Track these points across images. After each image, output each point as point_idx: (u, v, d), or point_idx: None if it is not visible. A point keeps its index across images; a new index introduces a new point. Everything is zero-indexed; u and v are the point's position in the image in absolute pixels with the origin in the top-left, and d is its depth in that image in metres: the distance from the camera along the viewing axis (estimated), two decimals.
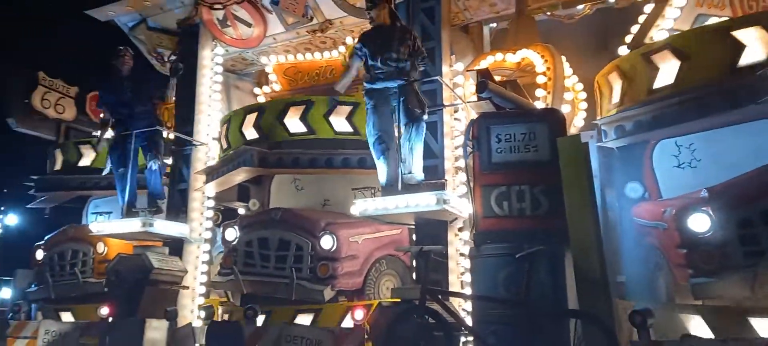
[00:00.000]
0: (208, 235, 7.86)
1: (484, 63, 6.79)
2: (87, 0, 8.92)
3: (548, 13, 7.86)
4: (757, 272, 4.20)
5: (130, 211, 7.23)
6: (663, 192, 5.72)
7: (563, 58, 6.56)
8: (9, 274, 10.54)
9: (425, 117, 5.57)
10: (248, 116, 7.24)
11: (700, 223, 4.56)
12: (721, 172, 5.18)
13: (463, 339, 5.43)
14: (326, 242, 5.97)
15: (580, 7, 7.79)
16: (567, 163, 5.11)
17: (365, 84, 5.90)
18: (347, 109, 6.77)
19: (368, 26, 6.08)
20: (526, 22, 7.22)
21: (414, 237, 6.31)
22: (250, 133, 7.07)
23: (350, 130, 6.76)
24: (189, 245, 7.69)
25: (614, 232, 6.02)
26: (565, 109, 6.38)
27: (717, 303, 4.57)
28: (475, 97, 5.63)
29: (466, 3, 7.52)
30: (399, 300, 5.39)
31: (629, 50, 6.22)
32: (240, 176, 7.20)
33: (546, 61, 6.37)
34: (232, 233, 6.46)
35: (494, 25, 8.46)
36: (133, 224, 6.96)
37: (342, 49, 8.74)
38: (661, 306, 5.00)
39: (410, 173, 5.52)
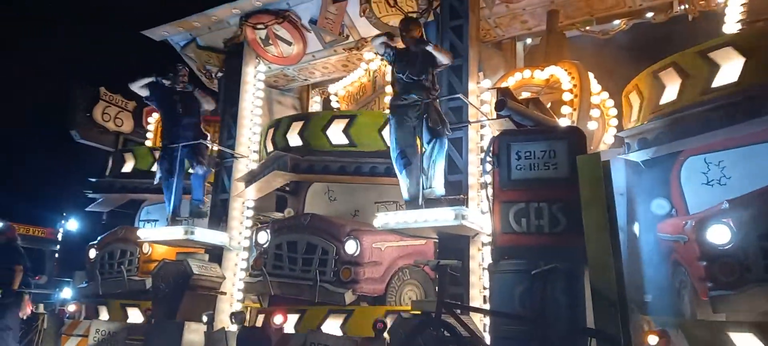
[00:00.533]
0: (247, 243, 8.19)
1: (512, 80, 6.83)
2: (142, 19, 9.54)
3: (582, 30, 7.83)
4: None
5: (174, 219, 7.65)
6: (690, 209, 5.58)
7: (591, 74, 6.51)
8: (69, 275, 11.28)
9: (448, 133, 5.68)
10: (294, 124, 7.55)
11: (720, 234, 4.43)
12: (751, 190, 5.03)
13: None
14: (350, 247, 6.14)
15: (616, 22, 7.71)
16: (586, 181, 5.06)
17: (389, 100, 6.10)
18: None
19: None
20: (556, 38, 7.21)
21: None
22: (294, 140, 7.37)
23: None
24: (228, 253, 8.05)
25: (641, 249, 5.92)
26: (592, 126, 6.34)
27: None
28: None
29: (497, 20, 7.58)
30: (419, 312, 5.49)
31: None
32: (276, 180, 7.46)
33: (573, 78, 6.34)
34: (264, 237, 6.73)
35: (529, 41, 8.48)
36: (176, 232, 7.35)
37: (364, 65, 8.96)
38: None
39: (431, 188, 5.63)
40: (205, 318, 6.79)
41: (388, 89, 6.77)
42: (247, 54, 8.97)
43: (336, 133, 7.19)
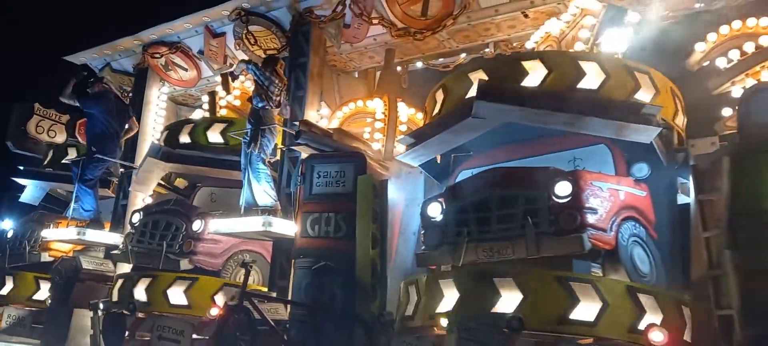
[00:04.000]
0: None
1: (347, 109, 7.88)
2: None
3: (426, 64, 8.87)
4: (458, 247, 4.89)
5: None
6: None
7: (402, 103, 7.55)
8: None
9: (261, 164, 6.70)
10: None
11: (434, 210, 5.32)
12: None
13: None
14: (196, 225, 7.02)
15: (462, 55, 8.72)
16: (361, 196, 6.14)
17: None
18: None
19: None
20: (390, 72, 8.22)
21: None
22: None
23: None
24: None
25: None
26: (399, 148, 7.37)
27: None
28: None
29: (348, 56, 8.61)
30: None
31: None
32: (154, 170, 8.30)
33: (385, 107, 7.39)
34: (136, 217, 7.60)
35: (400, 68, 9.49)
36: (70, 233, 8.34)
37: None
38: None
39: (252, 199, 6.67)
40: (100, 305, 7.76)
41: None
42: (151, 77, 9.96)
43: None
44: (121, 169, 9.50)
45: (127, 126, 8.89)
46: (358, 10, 7.46)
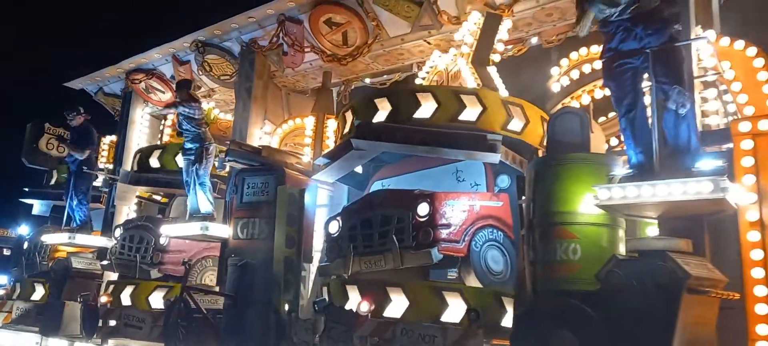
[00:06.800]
0: None
1: (286, 126, 8.84)
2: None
3: (366, 81, 9.74)
4: (348, 258, 5.72)
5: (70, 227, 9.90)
6: None
7: (331, 120, 8.44)
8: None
9: (207, 177, 7.72)
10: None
11: (333, 227, 6.16)
12: None
13: None
14: (163, 240, 8.13)
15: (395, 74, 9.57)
16: (280, 204, 7.09)
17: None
18: None
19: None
20: (325, 92, 9.13)
21: None
22: None
23: None
24: None
25: None
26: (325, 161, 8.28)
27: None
28: None
29: (293, 78, 9.55)
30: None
31: None
32: (129, 191, 9.60)
33: (315, 126, 8.32)
34: (118, 232, 8.78)
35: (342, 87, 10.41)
36: (62, 237, 9.57)
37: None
38: None
39: (197, 207, 7.70)
40: (79, 298, 8.98)
41: None
42: (135, 99, 11.12)
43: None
44: (110, 182, 10.72)
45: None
46: (290, 41, 8.39)
